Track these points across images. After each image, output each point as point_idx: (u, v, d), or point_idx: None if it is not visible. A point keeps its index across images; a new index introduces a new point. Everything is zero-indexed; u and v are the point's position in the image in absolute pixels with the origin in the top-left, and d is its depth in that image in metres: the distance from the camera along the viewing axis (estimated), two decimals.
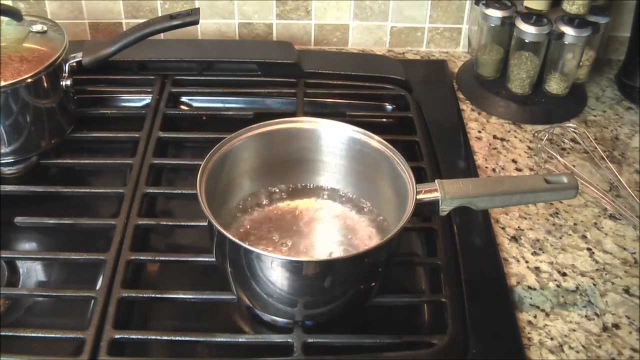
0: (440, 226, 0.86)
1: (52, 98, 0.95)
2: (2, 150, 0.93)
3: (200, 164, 0.76)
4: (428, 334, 0.76)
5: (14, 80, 0.88)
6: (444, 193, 0.76)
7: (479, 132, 1.08)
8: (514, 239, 0.90)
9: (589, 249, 0.89)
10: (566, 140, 1.06)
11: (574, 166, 1.02)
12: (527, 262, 0.87)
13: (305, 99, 1.07)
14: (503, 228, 0.91)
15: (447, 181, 0.78)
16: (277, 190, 0.87)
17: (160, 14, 1.21)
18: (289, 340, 0.74)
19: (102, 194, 0.94)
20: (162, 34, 1.01)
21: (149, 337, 0.75)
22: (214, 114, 1.09)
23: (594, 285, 0.84)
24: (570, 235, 0.91)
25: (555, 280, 0.84)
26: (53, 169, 1.00)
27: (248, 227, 0.82)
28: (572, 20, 1.05)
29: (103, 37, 1.24)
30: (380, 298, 0.78)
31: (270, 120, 0.84)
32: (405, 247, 0.88)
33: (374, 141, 0.81)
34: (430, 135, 1.05)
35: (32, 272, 0.86)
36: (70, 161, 1.00)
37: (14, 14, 0.95)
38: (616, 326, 0.79)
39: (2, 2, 0.98)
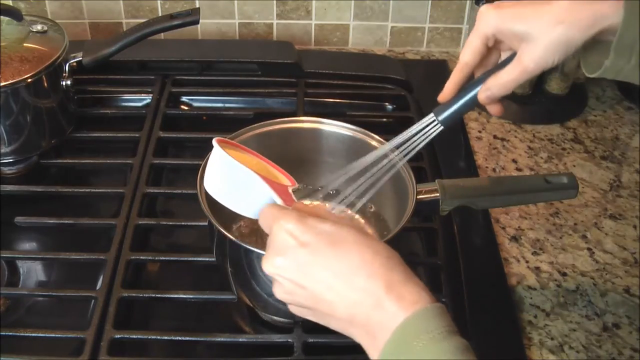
0: (440, 226, 0.86)
1: (52, 98, 0.95)
2: (2, 150, 0.93)
3: (201, 164, 0.76)
4: None
5: (14, 80, 0.88)
6: (444, 193, 0.76)
7: (479, 132, 1.08)
8: (514, 238, 0.90)
9: (589, 249, 0.89)
10: (566, 140, 1.06)
11: (574, 166, 1.02)
12: (527, 262, 0.87)
13: (305, 99, 1.07)
14: (503, 228, 0.91)
15: (448, 181, 0.77)
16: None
17: (160, 14, 1.21)
18: (289, 340, 0.74)
19: (102, 193, 0.94)
20: (162, 34, 1.01)
21: (149, 337, 0.75)
22: (214, 114, 1.09)
23: (594, 285, 0.84)
24: (570, 235, 0.91)
25: (556, 280, 0.84)
26: (53, 169, 1.00)
27: (248, 226, 0.82)
28: None
29: (103, 37, 1.24)
30: None
31: (270, 120, 0.84)
32: (405, 247, 0.88)
33: (374, 141, 0.81)
34: None
35: (33, 272, 0.86)
36: (70, 161, 1.00)
37: (14, 14, 0.95)
38: (616, 326, 0.79)
39: (2, 2, 0.98)
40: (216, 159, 0.67)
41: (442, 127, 0.70)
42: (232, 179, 0.66)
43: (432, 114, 0.70)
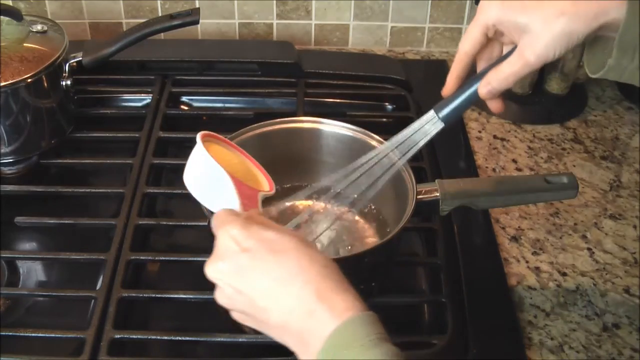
0: (440, 226, 0.86)
1: (52, 98, 0.95)
2: (2, 150, 0.93)
3: None
4: (428, 334, 0.76)
5: (14, 80, 0.88)
6: (444, 193, 0.76)
7: (479, 132, 1.08)
8: (514, 238, 0.90)
9: (589, 249, 0.89)
10: (566, 140, 1.06)
11: (574, 166, 1.02)
12: (527, 262, 0.87)
13: (305, 99, 1.07)
14: (503, 228, 0.91)
15: (447, 181, 0.78)
16: (277, 190, 0.86)
17: (160, 14, 1.21)
18: None
19: (102, 193, 0.94)
20: (162, 34, 1.01)
21: (149, 337, 0.75)
22: (214, 114, 1.09)
23: (594, 285, 0.84)
24: (570, 235, 0.91)
25: (556, 280, 0.84)
26: (53, 169, 1.00)
27: None
28: None
29: (103, 37, 1.23)
30: (381, 298, 0.78)
31: (270, 120, 0.84)
32: (405, 247, 0.88)
33: (374, 141, 0.81)
34: None
35: (32, 272, 0.86)
36: (70, 161, 1.00)
37: (14, 14, 0.95)
38: (616, 326, 0.79)
39: (2, 2, 0.98)
40: (195, 152, 0.67)
41: (443, 125, 0.69)
42: (205, 174, 0.66)
43: (432, 111, 0.70)
